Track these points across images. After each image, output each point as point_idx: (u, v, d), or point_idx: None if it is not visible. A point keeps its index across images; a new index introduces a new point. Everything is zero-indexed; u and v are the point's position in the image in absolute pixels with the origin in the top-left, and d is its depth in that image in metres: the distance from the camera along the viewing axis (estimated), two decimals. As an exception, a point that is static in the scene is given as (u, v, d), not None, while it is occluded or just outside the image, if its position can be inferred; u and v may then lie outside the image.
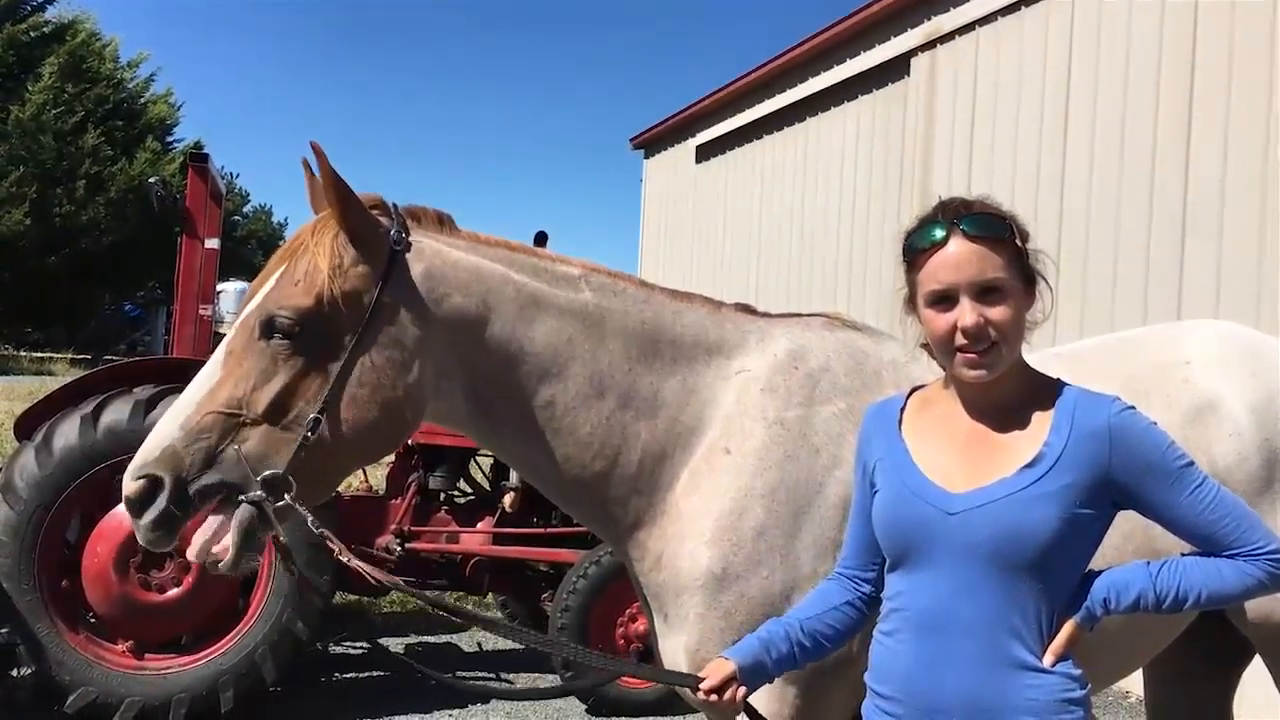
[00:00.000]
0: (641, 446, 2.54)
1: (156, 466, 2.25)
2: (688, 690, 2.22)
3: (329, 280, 2.34)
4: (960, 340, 1.86)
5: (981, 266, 1.86)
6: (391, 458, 6.33)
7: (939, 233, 1.90)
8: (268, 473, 2.27)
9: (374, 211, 2.47)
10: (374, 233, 2.42)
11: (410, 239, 2.46)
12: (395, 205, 2.52)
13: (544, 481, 2.66)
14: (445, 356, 2.46)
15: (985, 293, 1.86)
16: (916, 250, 1.93)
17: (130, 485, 2.27)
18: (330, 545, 2.39)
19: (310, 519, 2.33)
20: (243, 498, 2.27)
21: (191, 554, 2.30)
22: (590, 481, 2.56)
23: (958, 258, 1.87)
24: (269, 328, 2.33)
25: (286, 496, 2.28)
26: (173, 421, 2.30)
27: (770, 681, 2.12)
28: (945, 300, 1.89)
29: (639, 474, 2.55)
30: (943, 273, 1.88)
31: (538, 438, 2.54)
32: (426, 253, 2.47)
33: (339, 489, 6.14)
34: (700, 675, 2.08)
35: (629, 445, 2.54)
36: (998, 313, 1.85)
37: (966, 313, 1.85)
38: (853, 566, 2.14)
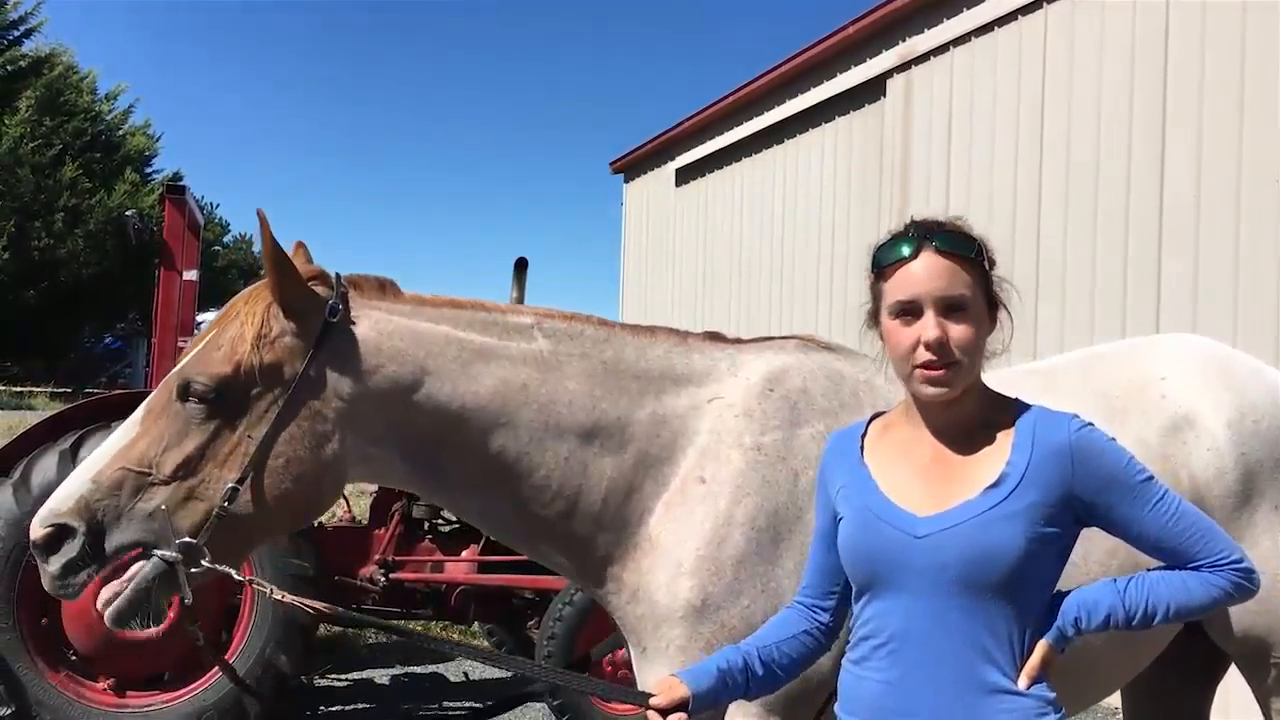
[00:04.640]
0: (606, 483, 2.50)
1: (68, 516, 2.28)
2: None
3: (252, 349, 2.36)
4: (922, 355, 1.86)
5: (949, 281, 1.87)
6: (374, 486, 6.30)
7: (907, 248, 1.91)
8: (182, 540, 2.29)
9: (314, 282, 2.47)
10: (309, 304, 2.43)
11: (349, 310, 2.46)
12: (337, 275, 2.52)
13: (501, 529, 2.65)
14: (376, 424, 2.44)
15: (950, 309, 1.86)
16: (884, 264, 1.94)
17: (38, 531, 2.30)
18: (260, 588, 2.44)
19: (233, 572, 2.35)
20: (156, 553, 2.29)
21: (99, 602, 2.33)
22: (551, 523, 2.53)
23: (926, 271, 1.88)
24: (185, 391, 2.35)
25: (204, 563, 2.31)
26: (85, 473, 2.33)
27: (715, 709, 2.07)
28: (909, 313, 1.89)
29: (604, 511, 2.51)
30: (910, 285, 1.89)
31: (489, 487, 2.51)
32: (363, 322, 2.47)
33: (322, 519, 6.15)
34: (651, 694, 2.03)
35: (590, 483, 2.50)
36: (960, 330, 1.85)
37: (930, 326, 1.85)
38: (812, 595, 2.11)
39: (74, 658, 5.32)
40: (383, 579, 6.00)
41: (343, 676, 6.90)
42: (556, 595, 5.76)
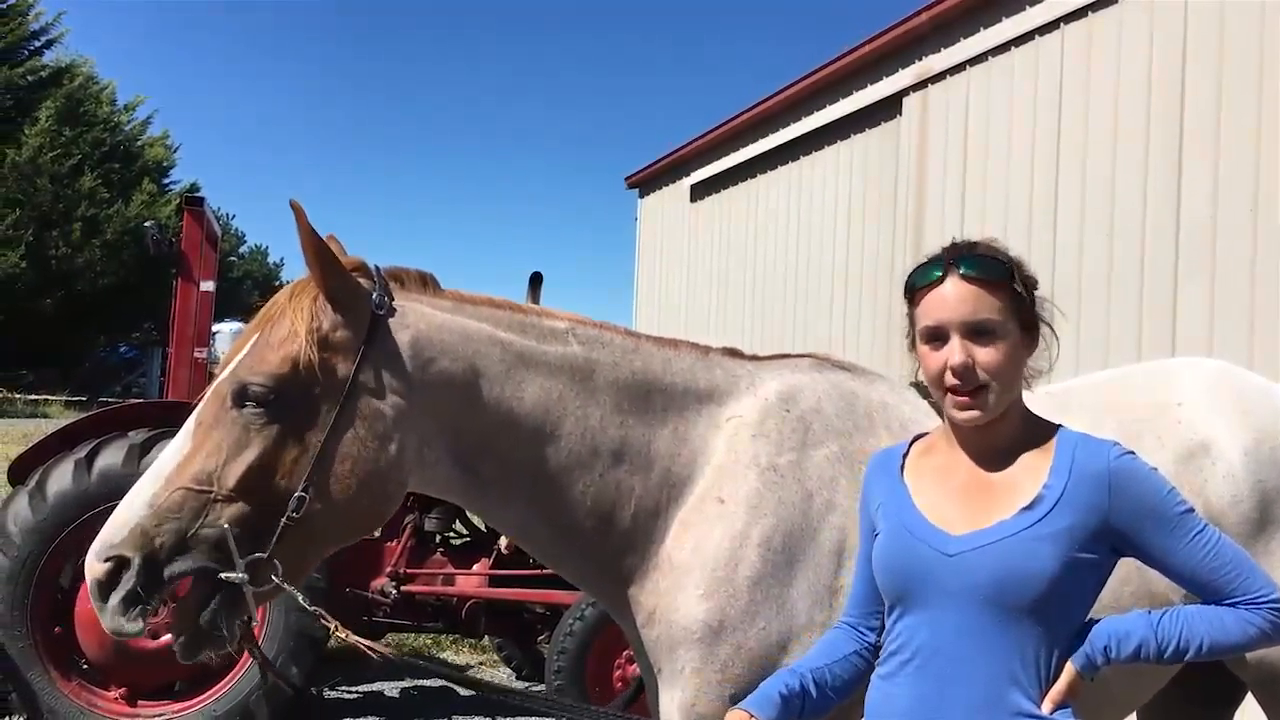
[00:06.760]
0: (635, 502, 2.46)
1: (124, 547, 2.15)
2: None
3: (307, 345, 2.24)
4: (950, 380, 1.88)
5: (974, 307, 1.88)
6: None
7: (936, 272, 1.93)
8: (253, 556, 2.17)
9: (355, 274, 2.38)
10: (355, 297, 2.34)
11: (393, 303, 2.37)
12: (378, 268, 2.44)
13: (533, 542, 2.60)
14: (429, 424, 2.35)
15: (976, 333, 1.88)
16: (915, 288, 1.97)
17: (96, 567, 2.17)
18: (325, 623, 2.36)
19: (303, 598, 2.26)
20: (223, 576, 2.17)
21: (170, 641, 2.24)
22: (582, 541, 2.48)
23: (951, 297, 1.90)
24: (242, 395, 2.22)
25: (274, 579, 2.20)
26: (139, 498, 2.20)
27: None
28: (938, 338, 1.91)
29: (632, 530, 2.47)
30: (936, 310, 1.91)
31: (527, 499, 2.46)
32: (410, 317, 2.37)
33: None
34: None
35: (622, 502, 2.46)
36: (986, 354, 1.86)
37: (955, 351, 1.87)
38: (858, 615, 2.12)
39: (86, 666, 5.34)
40: (394, 591, 6.01)
41: (353, 689, 6.90)
42: (567, 610, 5.76)
